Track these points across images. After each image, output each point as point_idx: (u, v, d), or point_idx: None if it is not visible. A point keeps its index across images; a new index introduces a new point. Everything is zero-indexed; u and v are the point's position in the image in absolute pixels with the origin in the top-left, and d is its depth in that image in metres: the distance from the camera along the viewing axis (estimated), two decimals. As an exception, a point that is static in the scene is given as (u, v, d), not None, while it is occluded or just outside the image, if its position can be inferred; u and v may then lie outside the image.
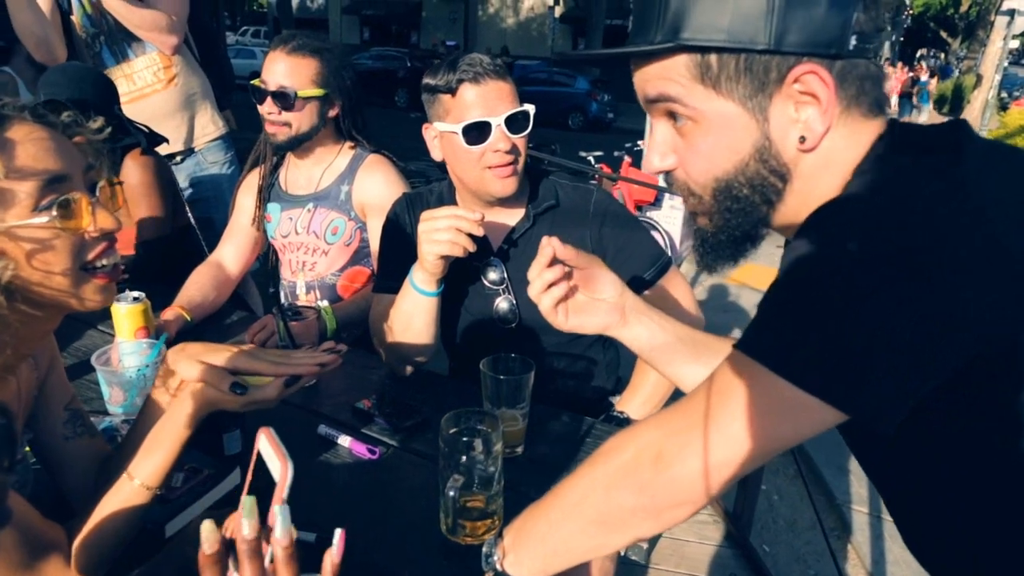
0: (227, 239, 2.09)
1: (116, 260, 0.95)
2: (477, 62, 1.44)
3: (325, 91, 1.86)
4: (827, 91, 0.74)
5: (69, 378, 1.56)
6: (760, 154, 0.78)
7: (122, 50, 2.58)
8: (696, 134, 0.80)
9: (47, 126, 0.89)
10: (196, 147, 2.73)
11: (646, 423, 0.82)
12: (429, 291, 1.45)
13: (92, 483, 1.09)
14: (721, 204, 0.82)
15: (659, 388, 1.63)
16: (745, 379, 0.71)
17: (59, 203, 0.86)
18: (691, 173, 0.83)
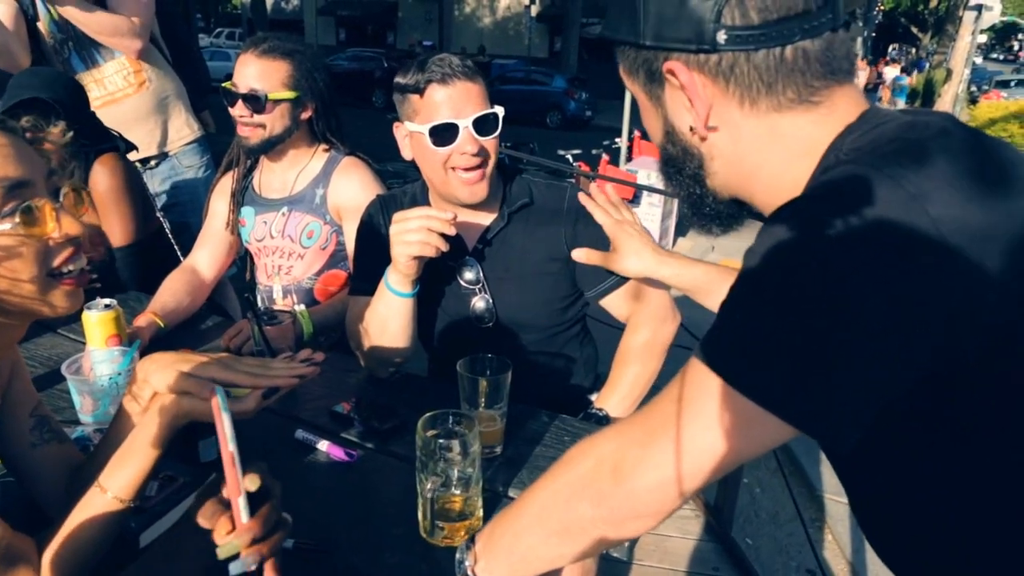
0: (201, 244, 2.07)
1: (83, 265, 0.94)
2: (446, 63, 1.44)
3: (297, 93, 1.84)
4: (693, 85, 0.77)
5: (39, 388, 1.53)
6: (668, 137, 0.85)
7: (91, 55, 2.54)
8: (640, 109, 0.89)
9: (6, 132, 0.87)
10: (170, 151, 2.70)
11: (605, 433, 0.81)
12: (404, 292, 1.44)
13: (64, 490, 1.07)
14: (665, 169, 0.89)
15: (637, 384, 1.64)
16: (702, 388, 0.70)
17: (21, 210, 0.85)
18: None
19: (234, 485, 0.75)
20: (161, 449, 0.97)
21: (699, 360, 0.71)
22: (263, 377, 1.00)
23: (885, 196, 0.63)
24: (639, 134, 8.00)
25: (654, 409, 0.76)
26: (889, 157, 0.66)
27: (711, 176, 0.84)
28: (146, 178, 2.59)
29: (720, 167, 0.83)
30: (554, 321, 1.64)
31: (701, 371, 0.70)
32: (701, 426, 0.70)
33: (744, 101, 0.76)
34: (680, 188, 0.88)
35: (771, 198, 0.79)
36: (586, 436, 1.04)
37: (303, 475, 1.28)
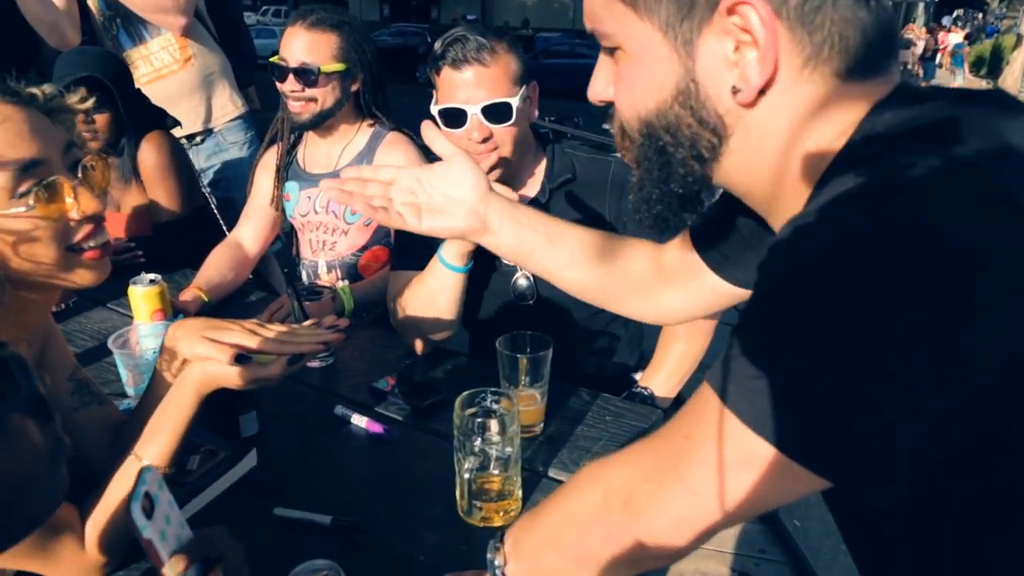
0: (245, 219, 2.08)
1: (106, 239, 0.93)
2: (462, 45, 1.40)
3: (347, 65, 1.82)
4: (766, 32, 0.60)
5: (88, 360, 1.58)
6: (683, 98, 0.66)
7: (138, 32, 2.56)
8: (623, 63, 0.70)
9: (21, 105, 0.86)
10: (215, 127, 2.72)
11: (617, 460, 0.74)
12: (458, 267, 1.42)
13: (108, 450, 1.09)
14: (646, 149, 0.71)
15: (683, 363, 1.60)
16: (716, 425, 0.60)
17: (37, 190, 0.84)
18: (619, 107, 0.73)
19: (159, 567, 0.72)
20: (192, 416, 0.97)
21: (712, 391, 0.61)
22: (288, 343, 0.99)
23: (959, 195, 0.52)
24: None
25: (666, 441, 0.67)
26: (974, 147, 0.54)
27: (723, 156, 0.68)
28: (191, 154, 2.61)
29: (742, 146, 0.67)
30: (597, 298, 1.60)
31: (715, 406, 0.60)
32: (714, 469, 0.61)
33: (811, 62, 0.62)
34: (665, 172, 0.70)
35: (783, 189, 0.67)
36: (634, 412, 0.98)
37: (341, 451, 1.28)
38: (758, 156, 0.67)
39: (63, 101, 0.91)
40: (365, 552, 1.04)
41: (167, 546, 0.71)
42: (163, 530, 0.71)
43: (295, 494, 1.15)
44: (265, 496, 1.14)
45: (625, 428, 1.31)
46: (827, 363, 0.53)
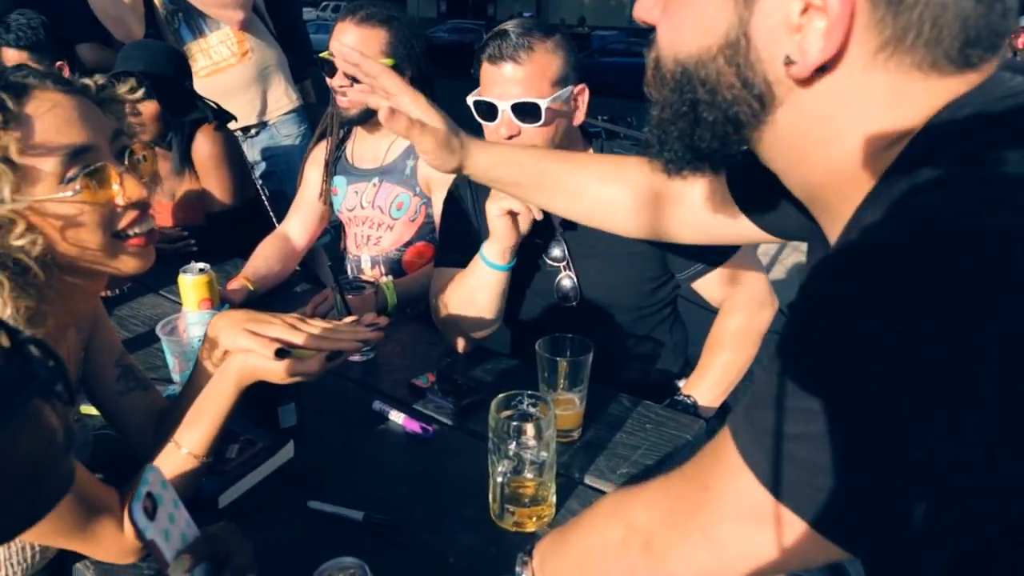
0: (293, 212, 2.11)
1: (151, 226, 0.94)
2: (500, 41, 1.38)
3: (395, 61, 1.82)
4: (841, 3, 0.51)
5: (140, 346, 1.62)
6: (730, 52, 0.57)
7: (198, 26, 2.62)
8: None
9: (72, 93, 0.87)
10: (270, 120, 2.76)
11: (639, 498, 0.70)
12: (500, 265, 1.41)
13: (152, 435, 1.11)
14: (676, 98, 0.62)
15: (729, 372, 1.55)
16: (734, 480, 0.56)
17: (84, 175, 0.85)
18: (659, 38, 0.64)
19: (163, 567, 0.72)
20: (231, 406, 0.98)
21: (733, 443, 0.57)
22: (327, 340, 0.99)
23: None
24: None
25: (687, 485, 0.63)
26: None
27: (764, 127, 0.59)
28: (246, 146, 2.66)
29: (789, 122, 0.58)
30: (642, 303, 1.57)
31: (735, 460, 0.56)
32: (734, 527, 0.57)
33: (887, 48, 0.53)
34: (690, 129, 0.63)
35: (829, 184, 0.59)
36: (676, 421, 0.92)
37: (378, 447, 1.28)
38: (806, 140, 0.58)
39: (112, 91, 0.93)
40: (396, 549, 1.03)
41: (171, 546, 0.71)
42: (166, 530, 0.71)
43: (330, 487, 1.15)
44: (301, 488, 1.15)
45: (665, 437, 1.28)
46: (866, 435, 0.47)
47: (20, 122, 0.81)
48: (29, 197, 0.82)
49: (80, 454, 1.07)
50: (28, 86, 0.83)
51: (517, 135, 1.40)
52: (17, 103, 0.81)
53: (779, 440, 0.51)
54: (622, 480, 1.17)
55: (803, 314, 0.52)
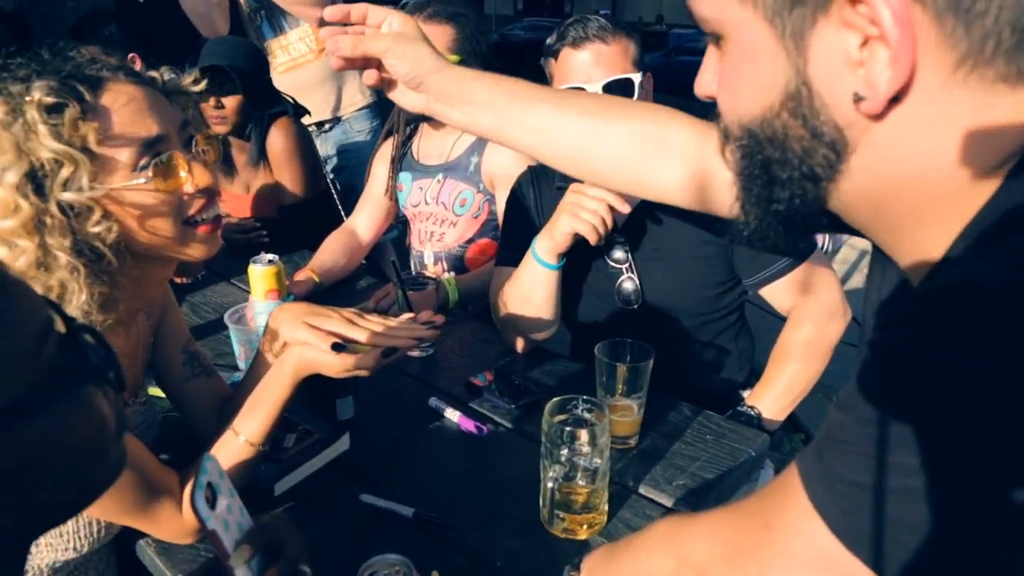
0: (360, 207, 2.14)
1: (217, 212, 0.97)
2: (581, 25, 1.39)
3: (460, 57, 1.83)
4: (899, 28, 0.46)
5: (210, 332, 1.67)
6: (793, 104, 0.53)
7: (279, 23, 2.70)
8: (725, 55, 0.59)
9: (143, 85, 0.91)
10: (343, 116, 2.82)
11: (693, 530, 0.68)
12: (550, 263, 1.40)
13: (214, 420, 1.14)
14: (747, 162, 0.59)
15: (796, 385, 1.49)
16: (799, 522, 0.53)
17: (156, 164, 0.88)
18: (721, 108, 0.62)
19: (223, 557, 0.72)
20: (288, 396, 1.00)
21: (802, 485, 0.53)
22: (383, 336, 1.00)
23: None
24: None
25: (747, 521, 0.61)
26: None
27: (841, 177, 0.54)
28: (319, 141, 2.72)
29: (867, 166, 0.53)
30: (706, 308, 1.52)
31: (801, 501, 0.53)
32: (794, 570, 0.55)
33: (966, 63, 0.47)
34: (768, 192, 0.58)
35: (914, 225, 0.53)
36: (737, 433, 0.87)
37: (431, 444, 1.28)
38: (887, 180, 0.53)
39: (179, 83, 0.96)
40: (443, 547, 1.03)
41: (230, 536, 0.72)
42: (225, 520, 0.72)
43: (383, 481, 1.16)
44: (354, 480, 1.16)
45: (726, 450, 1.24)
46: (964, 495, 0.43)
47: (97, 113, 0.85)
48: (106, 185, 0.86)
49: (147, 436, 1.11)
50: (103, 79, 0.87)
51: None
52: (93, 95, 0.85)
53: (855, 489, 0.48)
54: (678, 492, 1.14)
55: (891, 356, 0.48)
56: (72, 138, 0.82)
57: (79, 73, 0.85)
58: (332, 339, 0.97)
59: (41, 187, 0.81)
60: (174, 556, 1.02)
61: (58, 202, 0.82)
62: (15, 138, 0.79)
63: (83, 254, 0.84)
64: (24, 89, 0.81)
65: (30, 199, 0.80)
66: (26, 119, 0.80)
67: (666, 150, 0.98)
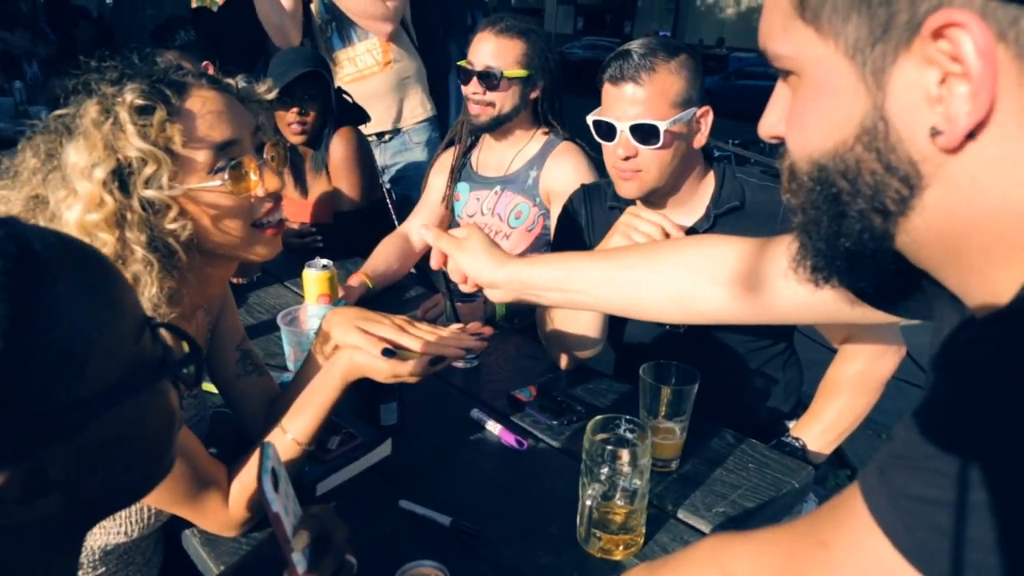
0: (416, 214, 2.18)
1: (281, 217, 1.02)
2: (623, 61, 1.37)
3: (529, 72, 1.86)
4: (982, 63, 0.47)
5: (262, 332, 1.71)
6: (868, 138, 0.53)
7: (348, 35, 2.77)
8: (798, 92, 0.59)
9: (222, 91, 0.95)
10: (403, 128, 2.87)
11: (741, 548, 0.67)
12: None
13: (263, 418, 1.17)
14: (815, 196, 0.58)
15: (844, 418, 1.46)
16: (860, 540, 0.53)
17: (231, 167, 0.93)
18: (789, 146, 0.62)
19: (284, 543, 0.73)
20: (336, 398, 1.02)
21: (861, 499, 0.53)
22: (432, 344, 1.02)
23: None
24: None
25: (799, 540, 0.60)
26: None
27: (912, 212, 0.54)
28: (378, 151, 2.78)
29: (940, 202, 0.53)
30: (754, 335, 1.50)
31: (862, 518, 0.52)
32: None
33: None
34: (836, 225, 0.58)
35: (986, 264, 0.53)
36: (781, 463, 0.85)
37: (471, 454, 1.29)
38: (959, 217, 0.52)
39: (252, 90, 1.00)
40: (478, 558, 1.04)
41: (290, 521, 0.74)
42: (286, 505, 0.74)
43: (421, 488, 1.17)
44: (393, 485, 1.18)
45: (769, 480, 1.22)
46: None
47: (182, 116, 0.90)
48: (184, 185, 0.90)
49: (198, 429, 1.15)
50: (187, 84, 0.92)
51: (634, 156, 1.39)
52: (179, 99, 0.89)
53: (921, 504, 0.48)
54: (717, 519, 1.12)
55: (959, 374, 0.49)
56: (158, 138, 0.86)
57: (166, 78, 0.90)
58: (383, 344, 0.99)
59: (125, 184, 0.86)
60: (218, 548, 1.05)
61: (140, 198, 0.86)
62: (105, 136, 0.84)
63: (157, 249, 0.88)
64: (117, 91, 0.86)
65: (115, 195, 0.85)
66: (117, 119, 0.85)
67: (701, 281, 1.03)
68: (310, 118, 2.16)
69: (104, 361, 0.51)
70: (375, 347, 0.99)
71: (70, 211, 0.84)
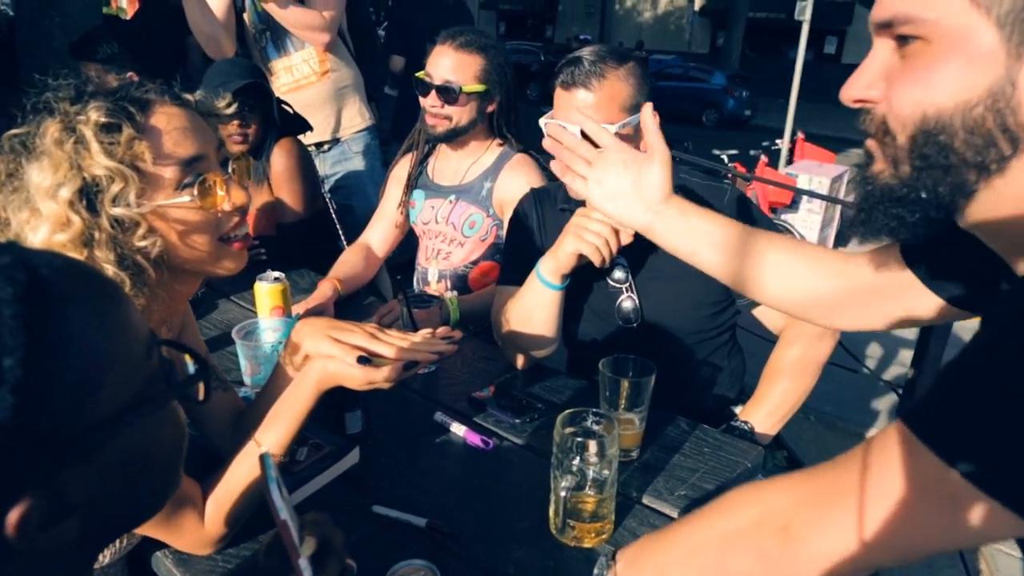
0: (374, 223, 2.20)
1: (247, 230, 1.02)
2: (573, 68, 1.41)
3: (487, 87, 1.89)
4: None
5: (213, 349, 1.69)
6: (994, 100, 0.61)
7: (283, 45, 2.73)
8: (924, 56, 0.64)
9: (184, 107, 0.95)
10: (342, 137, 2.86)
11: (776, 485, 0.73)
12: (554, 284, 1.44)
13: (229, 433, 1.16)
14: (919, 149, 0.65)
15: (787, 400, 1.54)
16: (906, 460, 0.60)
17: (198, 182, 0.93)
18: (897, 103, 0.67)
19: (292, 550, 0.74)
20: (310, 408, 1.03)
21: (905, 428, 0.61)
22: (406, 350, 1.04)
23: None
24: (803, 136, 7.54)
25: (837, 469, 0.67)
26: None
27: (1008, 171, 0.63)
28: (318, 161, 2.76)
29: None
30: (702, 327, 1.58)
31: (906, 440, 0.61)
32: (894, 503, 0.60)
33: None
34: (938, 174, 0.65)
35: None
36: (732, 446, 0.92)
37: (438, 457, 1.32)
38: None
39: (211, 105, 1.00)
40: (454, 558, 1.06)
41: (295, 528, 0.75)
42: (291, 513, 0.75)
43: (392, 493, 1.19)
44: (364, 493, 1.19)
45: (724, 462, 1.28)
46: None
47: (148, 133, 0.89)
48: (153, 202, 0.90)
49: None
50: (150, 100, 0.91)
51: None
52: (143, 116, 0.89)
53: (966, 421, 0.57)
54: (681, 502, 1.18)
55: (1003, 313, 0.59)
56: (124, 156, 0.86)
57: (128, 95, 0.89)
58: (357, 352, 1.01)
59: (92, 203, 0.85)
60: (192, 567, 1.04)
61: (108, 217, 0.85)
62: (69, 155, 0.83)
63: (127, 267, 0.88)
64: (80, 109, 0.85)
65: (82, 214, 0.84)
66: (81, 137, 0.84)
67: None
68: (251, 130, 2.13)
69: (118, 382, 0.52)
70: (350, 355, 1.00)
71: (35, 233, 0.83)
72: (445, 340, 1.10)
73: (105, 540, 0.58)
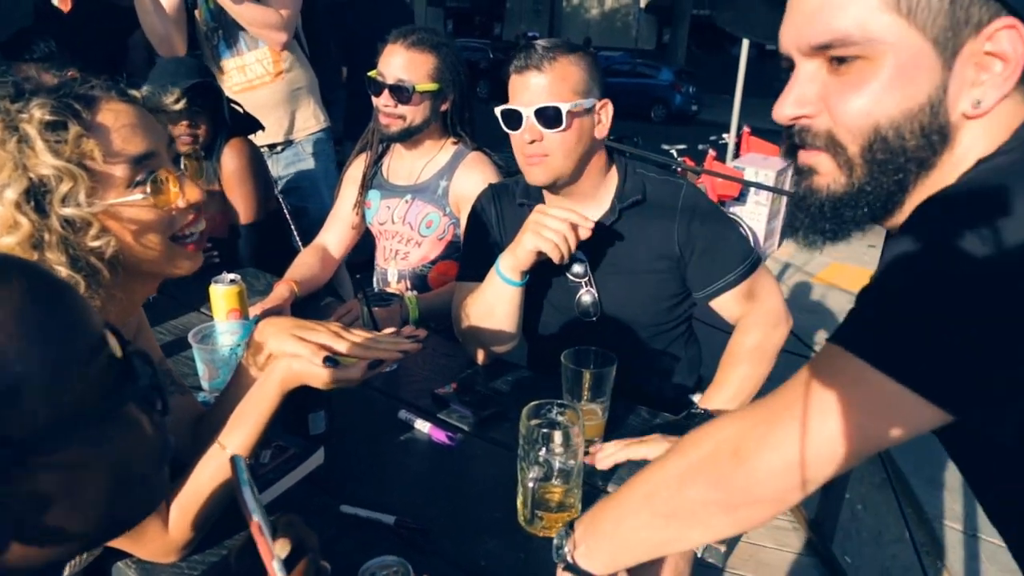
0: (330, 224, 2.17)
1: (202, 228, 1.00)
2: (527, 52, 1.44)
3: (440, 85, 1.88)
4: (1020, 57, 0.66)
5: (167, 355, 1.65)
6: (932, 106, 0.70)
7: (236, 44, 2.67)
8: (866, 72, 0.71)
9: (132, 103, 0.93)
10: (296, 139, 2.81)
11: (728, 417, 0.78)
12: (514, 280, 1.45)
13: (188, 438, 1.14)
14: (872, 155, 0.72)
15: (745, 386, 1.58)
16: (838, 373, 0.67)
17: (150, 180, 0.91)
18: (844, 117, 0.73)
19: (266, 552, 0.74)
20: (275, 409, 1.02)
21: (834, 346, 0.68)
22: (370, 349, 1.03)
23: None
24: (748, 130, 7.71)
25: (780, 393, 0.73)
26: None
27: (931, 169, 0.72)
28: (271, 162, 2.71)
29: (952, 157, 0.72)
30: (660, 319, 1.61)
31: (836, 355, 0.67)
32: (832, 409, 0.66)
33: None
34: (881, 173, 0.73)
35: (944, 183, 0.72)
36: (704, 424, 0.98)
37: (403, 455, 1.32)
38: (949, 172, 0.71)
39: (160, 102, 0.98)
40: (425, 554, 1.07)
41: (267, 530, 0.74)
42: (263, 515, 0.75)
43: (358, 493, 1.18)
44: (331, 493, 1.18)
45: (684, 449, 1.31)
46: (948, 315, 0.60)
47: (95, 130, 0.87)
48: (104, 201, 0.87)
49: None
50: (96, 97, 0.89)
51: (540, 140, 1.45)
52: (90, 113, 0.87)
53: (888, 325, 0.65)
54: (644, 489, 1.20)
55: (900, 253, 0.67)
56: (72, 154, 0.83)
57: (73, 91, 0.87)
58: (322, 352, 1.00)
59: (40, 203, 0.83)
60: None
61: (58, 217, 0.83)
62: (12, 155, 0.81)
63: (81, 269, 0.85)
64: (21, 107, 0.82)
65: (30, 216, 0.81)
66: (23, 136, 0.81)
67: None
68: (201, 130, 2.09)
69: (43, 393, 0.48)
70: (316, 355, 0.99)
71: None
72: (409, 339, 1.10)
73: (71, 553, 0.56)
